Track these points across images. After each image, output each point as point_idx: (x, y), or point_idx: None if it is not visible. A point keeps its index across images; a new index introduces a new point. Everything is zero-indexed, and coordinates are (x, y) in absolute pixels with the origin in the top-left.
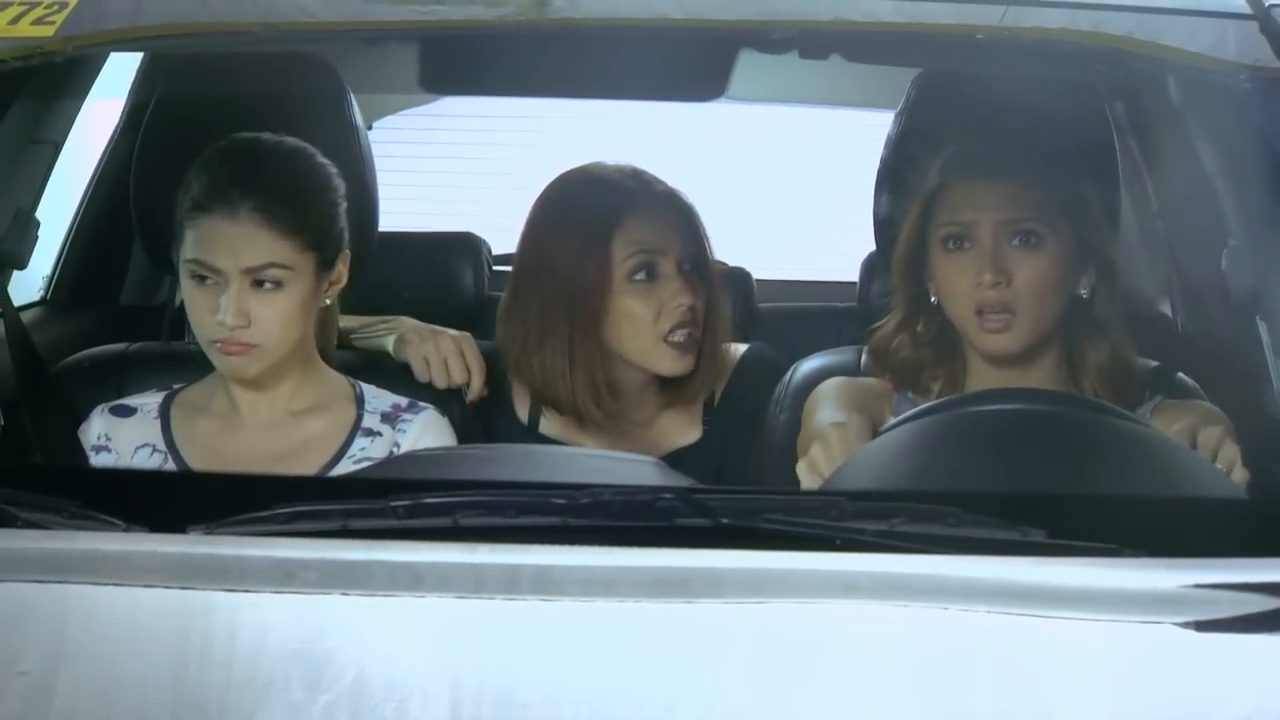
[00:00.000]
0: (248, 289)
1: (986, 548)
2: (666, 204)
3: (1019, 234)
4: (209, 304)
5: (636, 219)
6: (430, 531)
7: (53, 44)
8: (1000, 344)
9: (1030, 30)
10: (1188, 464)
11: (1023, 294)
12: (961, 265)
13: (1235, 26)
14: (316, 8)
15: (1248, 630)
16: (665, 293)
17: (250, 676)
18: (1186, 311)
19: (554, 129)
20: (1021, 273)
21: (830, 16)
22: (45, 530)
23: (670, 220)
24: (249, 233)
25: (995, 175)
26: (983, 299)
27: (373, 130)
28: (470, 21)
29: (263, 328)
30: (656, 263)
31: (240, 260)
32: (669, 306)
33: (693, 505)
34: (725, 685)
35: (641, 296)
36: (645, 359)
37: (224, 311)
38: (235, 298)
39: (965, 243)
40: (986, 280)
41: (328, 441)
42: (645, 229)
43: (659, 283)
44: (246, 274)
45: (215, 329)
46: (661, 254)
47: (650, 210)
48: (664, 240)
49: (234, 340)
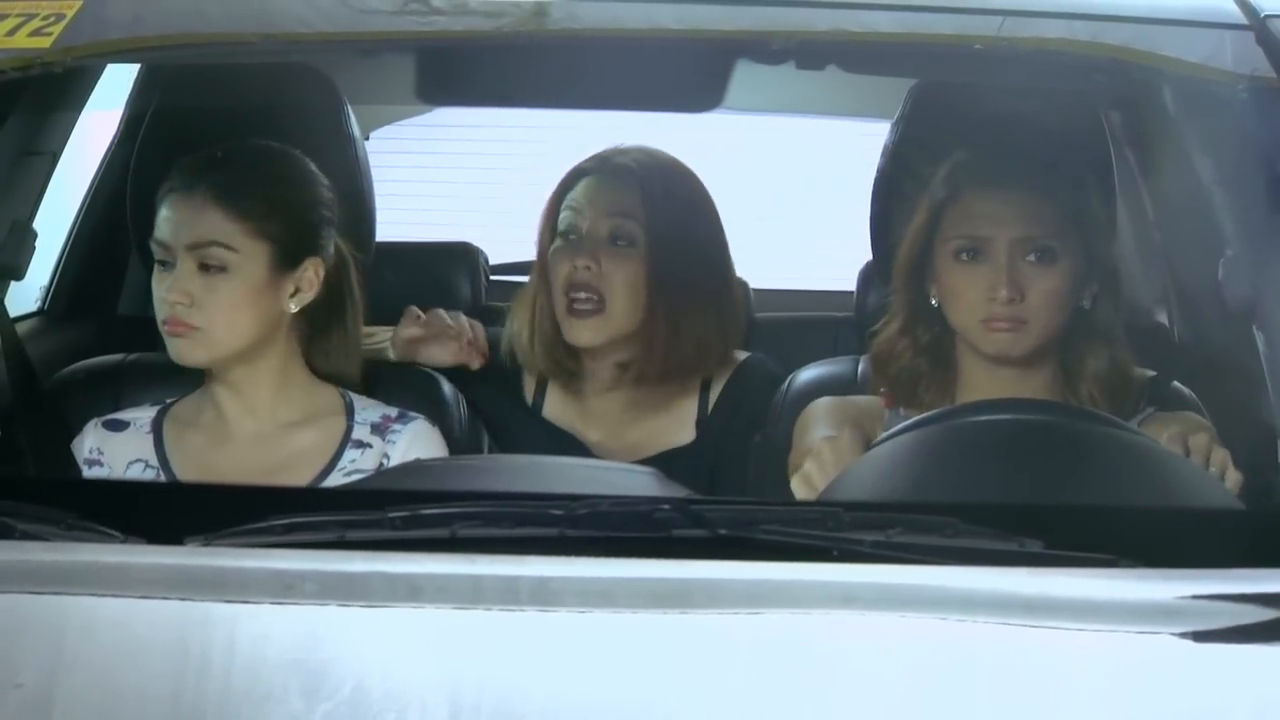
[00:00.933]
0: (194, 270)
1: (984, 558)
2: (615, 173)
3: (1035, 250)
4: (161, 284)
5: (580, 183)
6: (428, 542)
7: (50, 55)
8: (1006, 344)
9: (1027, 40)
10: (1185, 474)
11: (1035, 308)
12: (973, 278)
13: (1232, 36)
14: (314, 19)
15: (1246, 641)
16: (572, 254)
17: (249, 687)
18: (1183, 321)
19: (551, 140)
20: (1035, 288)
21: (827, 27)
22: (43, 542)
23: (604, 188)
24: (198, 209)
25: (1010, 190)
26: (994, 312)
27: (370, 141)
28: (468, 33)
29: (206, 311)
30: (577, 225)
31: (184, 235)
32: (570, 268)
33: (690, 516)
34: (723, 696)
35: (559, 256)
36: (560, 322)
37: (172, 289)
38: (179, 275)
39: (979, 255)
40: (1002, 296)
41: (317, 455)
42: (580, 193)
43: (573, 245)
44: (190, 251)
45: (161, 308)
46: (582, 217)
47: (593, 176)
48: (590, 205)
49: (177, 320)
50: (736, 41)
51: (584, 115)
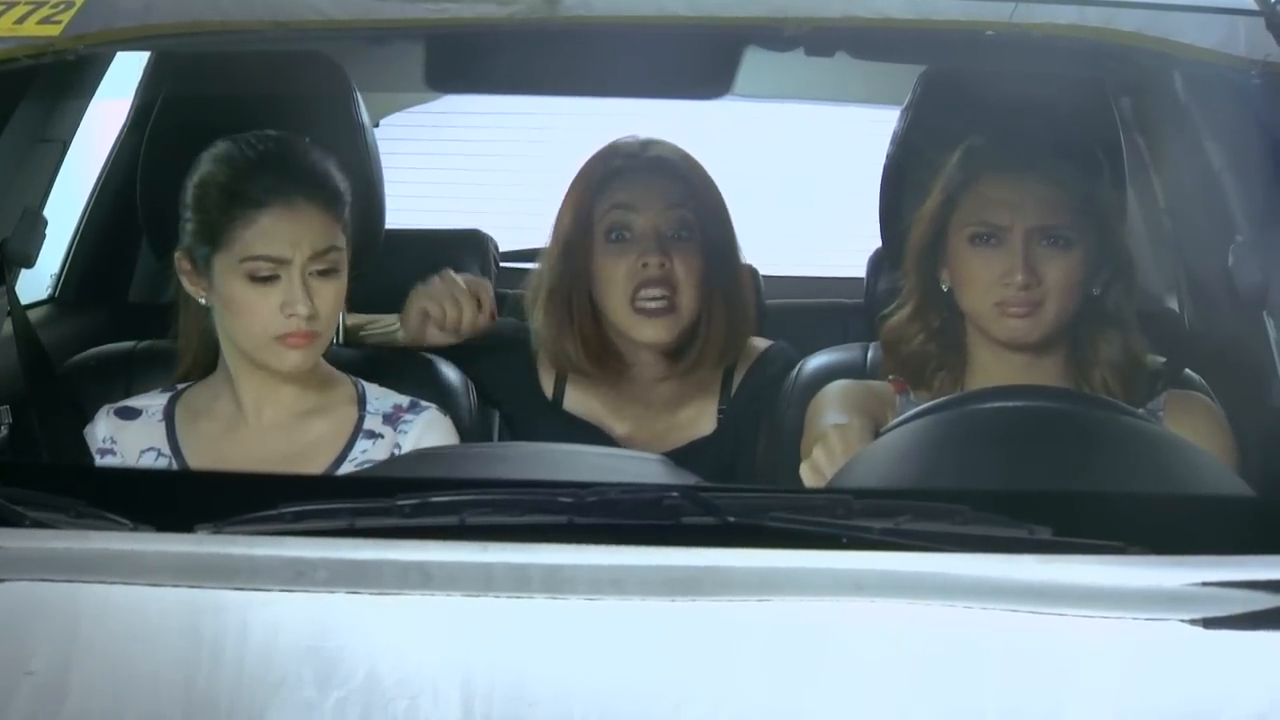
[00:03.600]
0: (311, 277)
1: (993, 545)
2: (658, 166)
3: (1050, 237)
4: (270, 300)
5: (621, 180)
6: (438, 530)
7: (60, 42)
8: (1019, 329)
9: (1038, 26)
10: (1194, 460)
11: (1050, 293)
12: (988, 262)
13: (1244, 23)
14: (325, 6)
15: (1256, 627)
16: (634, 253)
17: (262, 674)
18: (1194, 308)
19: (561, 127)
20: (1051, 274)
21: (837, 13)
22: (54, 529)
23: (656, 183)
24: (308, 219)
25: (1026, 176)
26: (1008, 296)
27: (379, 128)
28: (479, 19)
29: (323, 317)
30: (631, 223)
31: (306, 247)
32: (635, 267)
33: (699, 503)
34: (733, 683)
35: (614, 256)
36: (620, 322)
37: (296, 302)
38: (304, 286)
39: (994, 240)
40: (1018, 281)
41: (329, 445)
42: (626, 190)
43: (631, 243)
44: (312, 260)
45: (281, 323)
46: (637, 214)
47: (636, 172)
48: (643, 201)
49: (302, 332)
50: (746, 28)
51: (594, 102)
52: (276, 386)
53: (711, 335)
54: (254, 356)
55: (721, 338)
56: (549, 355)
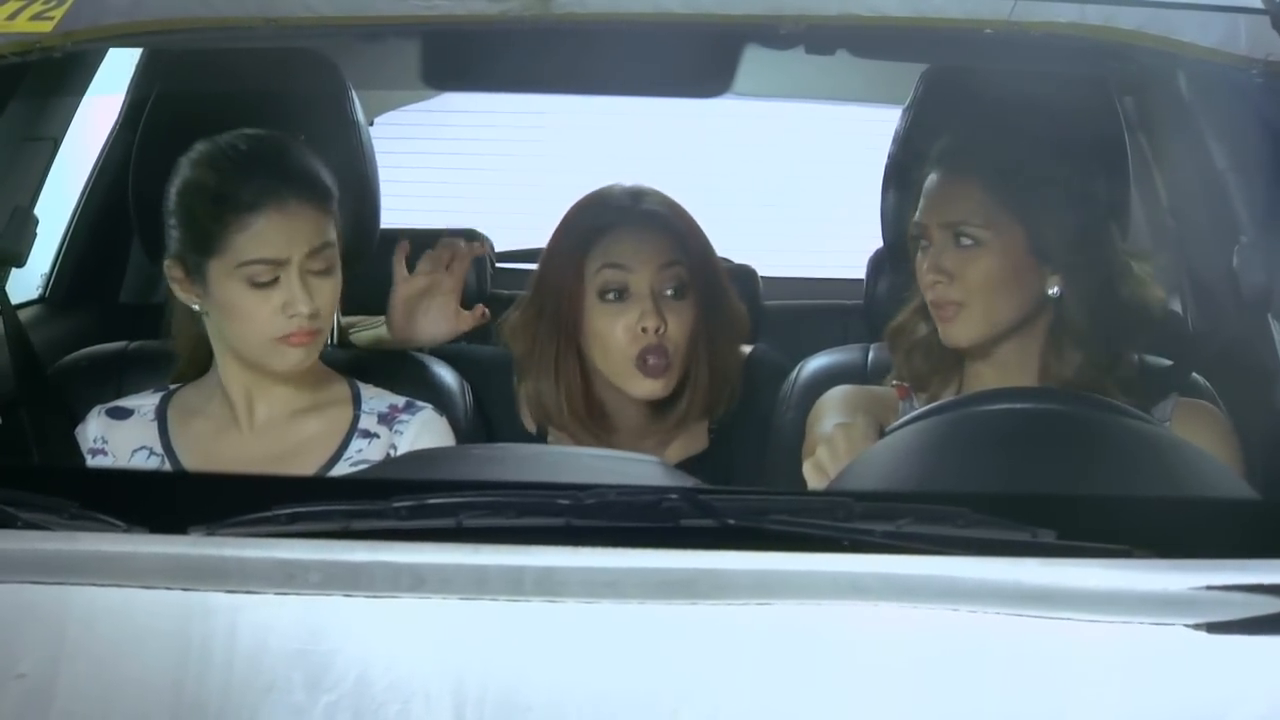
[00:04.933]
0: (310, 275)
1: (996, 548)
2: (650, 222)
3: (962, 236)
4: (271, 302)
5: (612, 236)
6: (433, 532)
7: (51, 39)
8: (950, 333)
9: (1039, 25)
10: (1199, 464)
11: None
12: (922, 264)
13: (1247, 21)
14: (317, 2)
15: (1260, 632)
16: (634, 314)
17: (251, 678)
18: (1197, 309)
19: (557, 125)
20: (964, 273)
21: (837, 11)
22: (45, 531)
23: (649, 240)
24: (302, 218)
25: (949, 176)
26: (932, 298)
27: (374, 126)
28: (473, 17)
29: (325, 312)
30: (627, 283)
31: (302, 245)
32: (636, 330)
33: (698, 506)
34: (731, 687)
35: (611, 316)
36: (618, 379)
37: (297, 302)
38: (303, 285)
39: (923, 241)
40: (928, 280)
41: (324, 444)
42: (619, 247)
43: (629, 303)
44: (309, 258)
45: (284, 324)
46: (632, 273)
47: (629, 228)
48: (638, 260)
49: (305, 330)
50: (745, 26)
51: (590, 101)
52: (270, 386)
53: (698, 388)
54: (253, 358)
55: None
56: (530, 410)
